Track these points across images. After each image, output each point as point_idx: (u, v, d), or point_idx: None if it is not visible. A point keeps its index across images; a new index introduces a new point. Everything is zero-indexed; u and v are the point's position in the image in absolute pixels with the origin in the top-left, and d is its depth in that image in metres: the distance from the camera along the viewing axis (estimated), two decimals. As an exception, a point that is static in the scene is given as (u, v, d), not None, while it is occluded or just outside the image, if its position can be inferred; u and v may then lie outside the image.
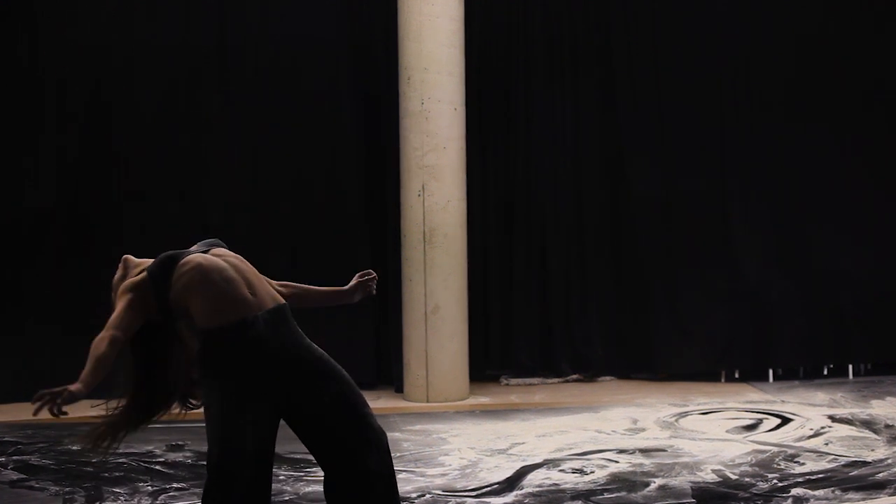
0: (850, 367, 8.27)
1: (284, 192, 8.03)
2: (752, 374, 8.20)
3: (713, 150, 8.31)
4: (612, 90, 8.30)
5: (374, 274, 3.82)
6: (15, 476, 5.26)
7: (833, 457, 5.38)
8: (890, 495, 4.60)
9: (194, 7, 7.99)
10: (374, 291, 3.82)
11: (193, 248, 3.60)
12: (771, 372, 8.19)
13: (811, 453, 5.48)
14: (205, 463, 3.48)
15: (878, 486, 4.76)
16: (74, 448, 5.92)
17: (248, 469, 3.41)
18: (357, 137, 8.13)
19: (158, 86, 7.95)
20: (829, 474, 5.00)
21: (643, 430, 6.29)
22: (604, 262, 8.31)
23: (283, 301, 3.55)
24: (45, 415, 3.19)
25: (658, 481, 4.91)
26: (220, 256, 3.54)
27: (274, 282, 3.70)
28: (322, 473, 3.49)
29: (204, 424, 3.47)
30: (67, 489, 4.97)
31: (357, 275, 3.80)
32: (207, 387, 3.45)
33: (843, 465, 5.18)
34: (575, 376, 8.26)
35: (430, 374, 7.43)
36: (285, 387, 3.43)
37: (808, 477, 4.96)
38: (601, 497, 4.67)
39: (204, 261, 3.48)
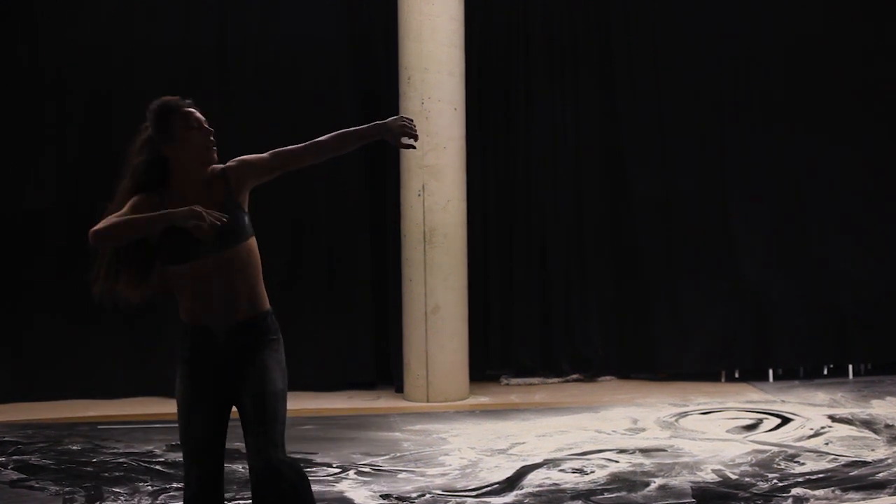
0: (850, 367, 8.27)
1: (284, 191, 8.02)
2: (752, 374, 8.20)
3: (713, 150, 8.31)
4: (612, 90, 8.30)
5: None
6: (15, 476, 5.26)
7: (833, 457, 5.38)
8: (890, 495, 4.60)
9: (194, 7, 7.99)
10: (415, 140, 3.77)
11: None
12: (771, 372, 8.19)
13: (811, 453, 5.48)
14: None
15: (878, 486, 4.76)
16: (74, 448, 5.93)
17: (197, 457, 3.53)
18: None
19: (158, 86, 7.94)
20: (829, 474, 5.00)
21: (643, 430, 6.29)
22: (604, 262, 8.31)
23: (266, 308, 3.56)
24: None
25: (658, 481, 4.91)
26: (229, 258, 3.48)
27: (294, 147, 3.77)
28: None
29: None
30: (67, 489, 4.97)
31: (400, 115, 3.84)
32: (178, 370, 3.58)
33: (843, 465, 5.18)
34: (575, 376, 8.26)
35: (430, 374, 7.43)
36: (233, 380, 3.50)
37: (808, 477, 4.96)
38: (601, 497, 4.67)
39: (196, 270, 3.46)
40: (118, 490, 4.91)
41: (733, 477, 4.98)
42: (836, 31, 8.35)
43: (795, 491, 4.68)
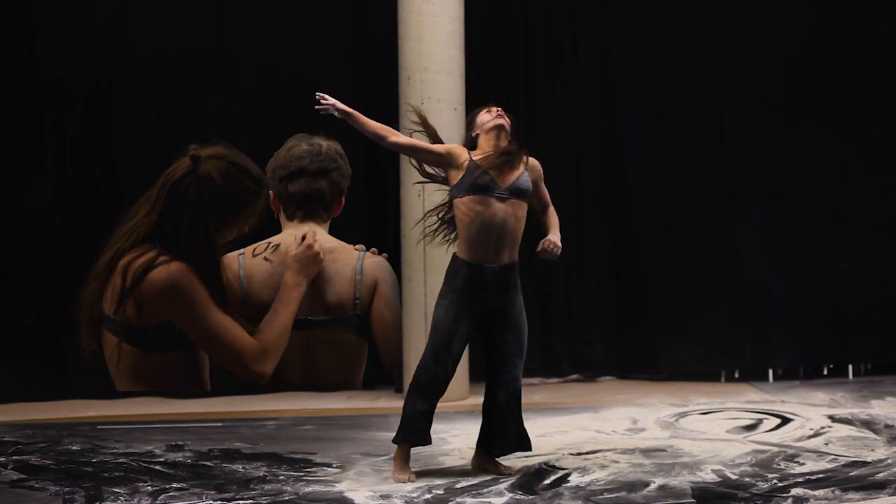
0: (850, 367, 8.27)
1: (284, 192, 8.03)
2: (752, 374, 8.20)
3: (713, 150, 8.32)
4: (612, 90, 8.31)
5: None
6: (15, 476, 5.25)
7: (833, 457, 5.38)
8: (890, 495, 4.60)
9: (193, 7, 8.00)
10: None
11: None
12: (771, 372, 8.19)
13: (811, 453, 5.48)
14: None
15: (878, 486, 4.75)
16: (74, 448, 5.93)
17: (445, 365, 5.00)
18: (357, 137, 8.12)
19: (158, 85, 7.96)
20: (829, 474, 5.00)
21: (643, 430, 6.29)
22: (604, 262, 8.30)
23: (514, 260, 4.91)
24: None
25: (658, 481, 4.91)
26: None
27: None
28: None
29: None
30: (67, 489, 4.97)
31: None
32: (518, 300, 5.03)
33: (843, 465, 5.18)
34: (575, 376, 8.27)
35: (430, 374, 7.41)
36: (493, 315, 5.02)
37: (808, 477, 4.95)
38: (601, 497, 4.66)
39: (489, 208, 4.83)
40: (118, 490, 4.90)
41: (733, 477, 4.98)
42: (837, 30, 8.36)
43: (795, 491, 4.67)
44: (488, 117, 5.09)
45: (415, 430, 4.97)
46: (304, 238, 3.32)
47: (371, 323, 3.39)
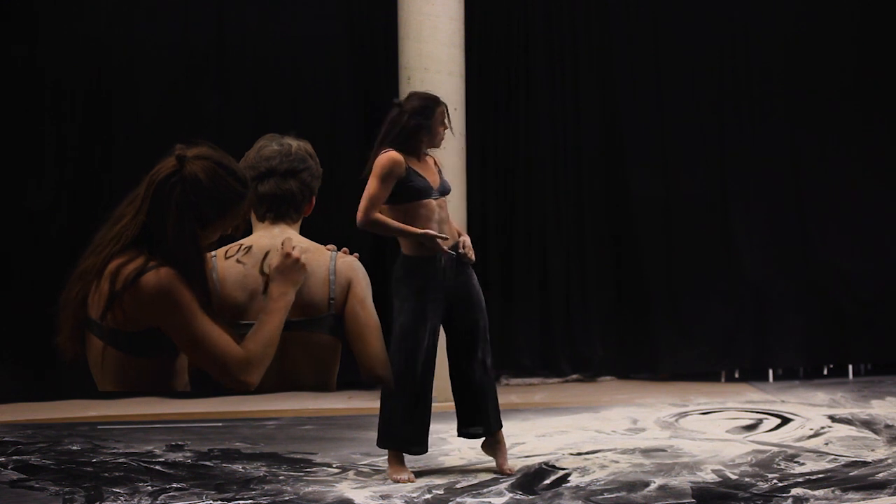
0: (850, 367, 8.27)
1: (284, 191, 8.02)
2: (752, 374, 8.20)
3: (713, 150, 8.32)
4: (612, 90, 8.31)
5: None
6: (15, 476, 5.25)
7: (833, 457, 5.37)
8: (890, 495, 4.59)
9: (193, 7, 8.00)
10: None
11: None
12: (771, 372, 8.19)
13: (811, 453, 5.48)
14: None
15: (878, 486, 4.75)
16: (74, 448, 5.93)
17: (426, 363, 5.02)
18: (357, 137, 8.14)
19: (158, 85, 7.96)
20: (829, 474, 4.99)
21: (643, 430, 6.29)
22: (604, 261, 8.31)
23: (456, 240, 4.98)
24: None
25: (658, 481, 4.90)
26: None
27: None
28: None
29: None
30: (67, 489, 4.96)
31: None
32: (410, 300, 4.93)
33: (843, 465, 5.17)
34: (575, 376, 8.26)
35: (430, 374, 7.41)
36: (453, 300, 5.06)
37: (808, 477, 4.95)
38: (601, 497, 4.66)
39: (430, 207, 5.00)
40: (118, 490, 4.90)
41: (733, 477, 4.98)
42: (838, 30, 8.36)
43: (795, 491, 4.67)
44: (441, 134, 5.19)
45: (394, 437, 5.02)
46: (283, 245, 3.32)
47: (346, 323, 3.34)
